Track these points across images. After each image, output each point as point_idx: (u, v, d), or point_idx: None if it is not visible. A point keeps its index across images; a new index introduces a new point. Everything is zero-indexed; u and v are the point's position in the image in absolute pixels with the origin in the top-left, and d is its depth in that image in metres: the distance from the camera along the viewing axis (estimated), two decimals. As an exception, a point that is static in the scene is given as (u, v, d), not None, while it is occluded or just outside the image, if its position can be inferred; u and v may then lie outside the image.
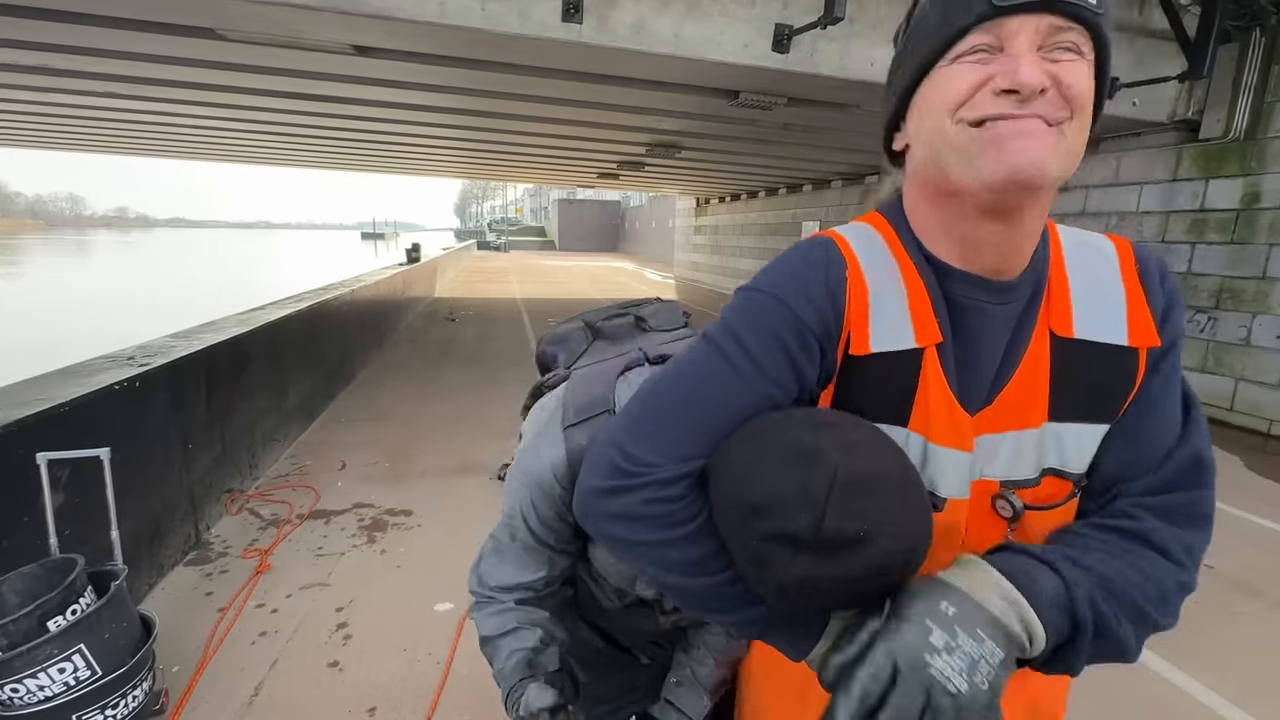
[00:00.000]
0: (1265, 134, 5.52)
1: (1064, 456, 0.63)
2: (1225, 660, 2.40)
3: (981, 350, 0.60)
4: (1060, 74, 0.50)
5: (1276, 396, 5.47)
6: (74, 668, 1.59)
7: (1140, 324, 0.61)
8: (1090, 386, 0.61)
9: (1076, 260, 0.63)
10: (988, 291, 0.59)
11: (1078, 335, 0.60)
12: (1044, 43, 0.51)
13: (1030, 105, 0.50)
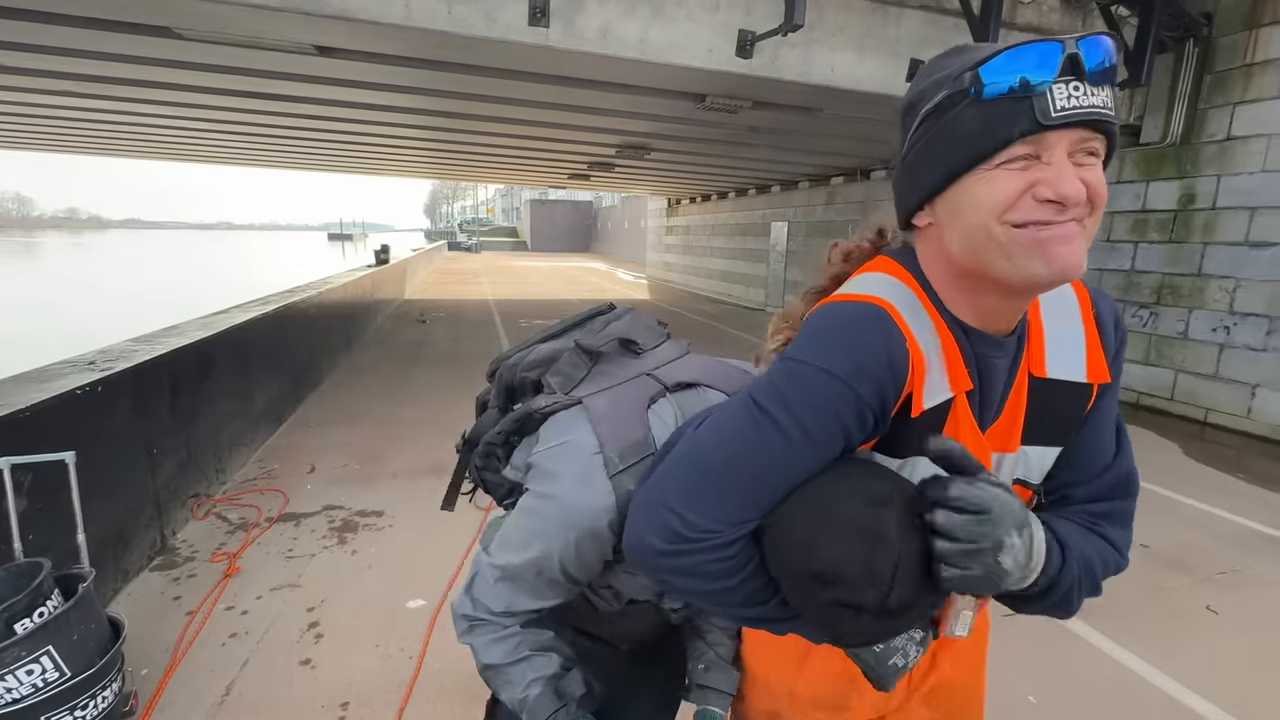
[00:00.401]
0: (1199, 139, 5.84)
1: (1029, 471, 0.74)
2: (1152, 630, 2.59)
3: (992, 394, 0.70)
4: (1089, 179, 0.57)
5: (1212, 386, 5.80)
6: (42, 669, 1.60)
7: (1096, 364, 0.72)
8: (1054, 417, 0.72)
9: (1049, 307, 0.72)
10: (999, 349, 0.69)
11: (1050, 375, 0.71)
12: (1073, 150, 0.57)
13: (1068, 213, 0.57)
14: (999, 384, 0.69)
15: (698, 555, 0.63)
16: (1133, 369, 6.48)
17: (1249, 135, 5.45)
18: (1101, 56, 0.56)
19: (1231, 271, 5.61)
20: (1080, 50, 0.55)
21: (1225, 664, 2.40)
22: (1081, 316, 0.73)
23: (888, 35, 5.33)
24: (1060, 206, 0.56)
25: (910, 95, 0.66)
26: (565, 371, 0.88)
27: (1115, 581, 1.71)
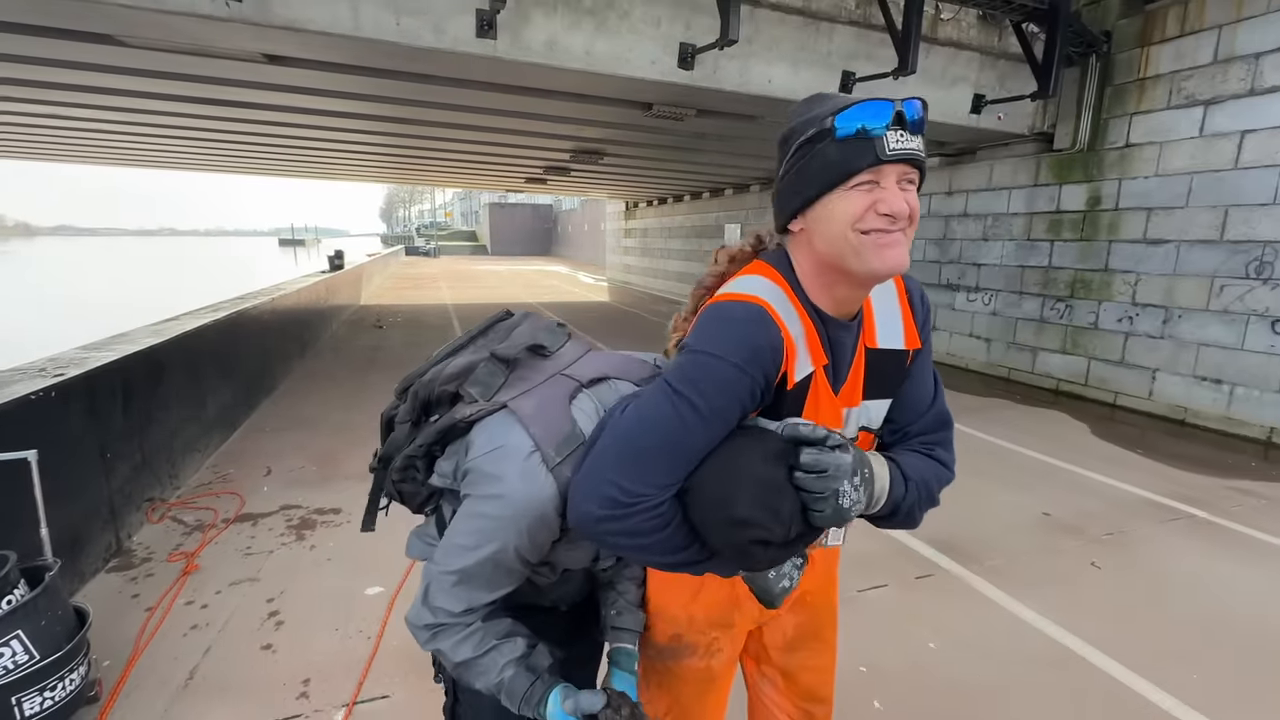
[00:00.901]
0: (1103, 145, 6.38)
1: (870, 419, 0.98)
2: (1043, 585, 2.92)
3: (842, 366, 0.93)
4: (909, 200, 0.81)
5: (1119, 371, 6.34)
6: (12, 652, 1.70)
7: (910, 334, 0.96)
8: (884, 376, 0.96)
9: (877, 294, 0.95)
10: (846, 330, 0.92)
11: (880, 346, 0.95)
12: (899, 179, 0.80)
13: (897, 224, 0.80)
14: (847, 358, 0.93)
15: (634, 517, 0.81)
16: (1051, 358, 7.01)
17: (1144, 143, 6.00)
18: (916, 114, 0.80)
19: (1133, 266, 6.15)
20: (904, 109, 0.79)
21: (1101, 610, 2.74)
22: (898, 299, 0.97)
23: (820, 49, 5.68)
24: (892, 219, 0.80)
25: (785, 130, 0.89)
26: (484, 380, 0.93)
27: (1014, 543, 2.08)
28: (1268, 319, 5.20)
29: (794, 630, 1.17)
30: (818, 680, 1.21)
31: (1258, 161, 5.18)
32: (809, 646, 1.19)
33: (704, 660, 1.10)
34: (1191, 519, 3.71)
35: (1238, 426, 5.42)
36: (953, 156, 8.20)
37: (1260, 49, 5.13)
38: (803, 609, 1.17)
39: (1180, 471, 4.55)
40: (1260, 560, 3.23)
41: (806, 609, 1.17)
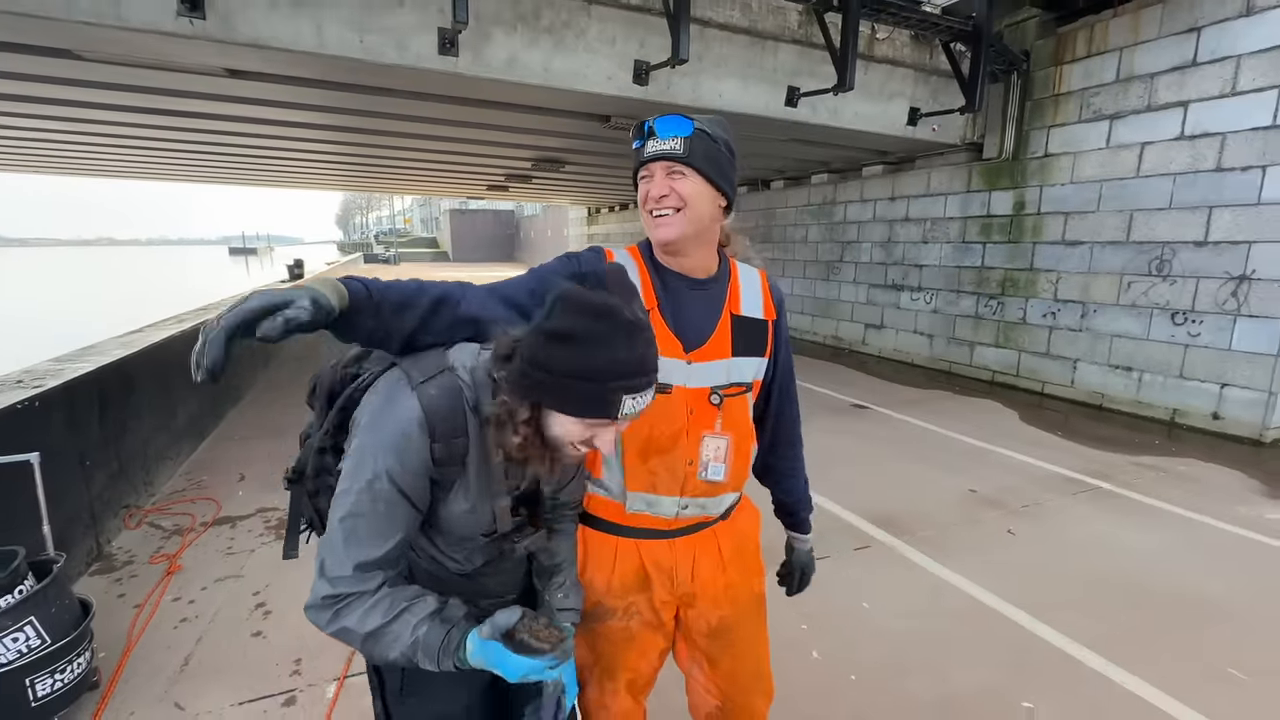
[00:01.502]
0: (1025, 155, 6.94)
1: (741, 374, 1.20)
2: (964, 551, 3.29)
3: (690, 314, 1.17)
4: (675, 185, 1.08)
5: (1046, 363, 6.89)
6: (26, 637, 1.84)
7: (768, 308, 1.24)
8: (749, 338, 1.21)
9: (744, 276, 1.24)
10: (686, 282, 1.17)
11: (743, 313, 1.21)
12: (668, 172, 1.09)
13: (661, 205, 1.09)
14: (700, 312, 1.16)
15: None
16: (986, 351, 7.55)
17: (1060, 153, 6.57)
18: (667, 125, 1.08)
19: (1054, 266, 6.71)
20: (654, 124, 1.09)
21: (1012, 569, 3.11)
22: (760, 285, 1.25)
23: (766, 66, 6.05)
24: (657, 202, 1.10)
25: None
26: (381, 357, 0.95)
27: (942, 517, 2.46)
28: (1168, 311, 5.78)
29: (717, 620, 1.26)
30: (740, 667, 1.30)
31: (1155, 170, 5.77)
32: (732, 635, 1.27)
33: (623, 621, 1.24)
34: (1098, 490, 4.16)
35: (1145, 409, 6.00)
36: (894, 165, 8.72)
37: (1154, 70, 5.72)
38: (726, 601, 1.26)
39: (1094, 450, 5.04)
40: (1152, 523, 3.68)
41: (729, 601, 1.26)
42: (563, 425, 0.85)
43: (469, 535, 0.97)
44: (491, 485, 0.95)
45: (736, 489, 1.26)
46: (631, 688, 1.30)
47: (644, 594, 1.23)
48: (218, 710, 2.12)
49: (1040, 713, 2.14)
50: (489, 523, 0.96)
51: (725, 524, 1.27)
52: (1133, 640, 2.55)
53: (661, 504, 1.18)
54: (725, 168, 1.12)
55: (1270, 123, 5.03)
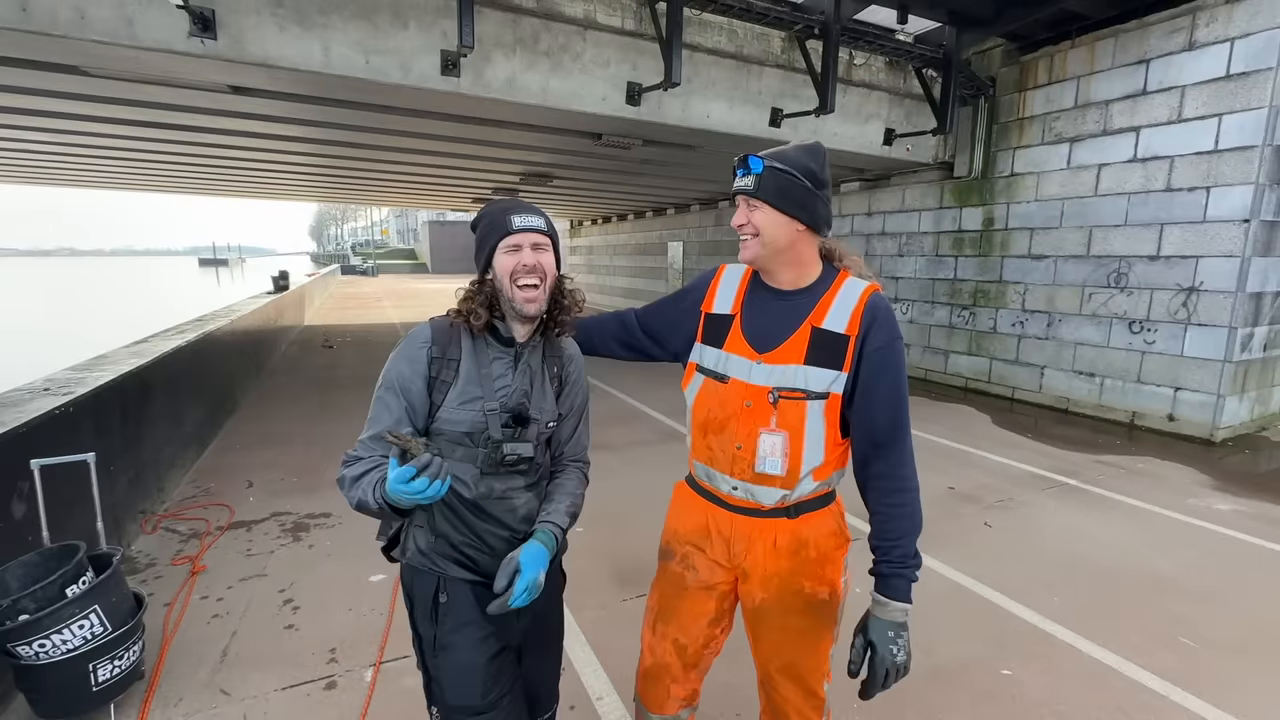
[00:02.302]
0: (993, 174, 7.37)
1: (809, 382, 1.24)
2: (946, 542, 3.55)
3: (766, 321, 1.33)
4: (751, 216, 1.28)
5: (1015, 369, 7.28)
6: (91, 624, 1.97)
7: (852, 325, 1.24)
8: (825, 350, 1.24)
9: (844, 292, 1.27)
10: (773, 293, 1.34)
11: (824, 326, 1.25)
12: (747, 203, 1.28)
13: (742, 231, 1.29)
14: (777, 322, 1.29)
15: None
16: (960, 359, 7.93)
17: (1024, 173, 7.00)
18: (746, 163, 1.27)
19: (1021, 278, 7.12)
20: (737, 162, 1.28)
21: (988, 556, 3.38)
22: (857, 302, 1.26)
23: (752, 88, 6.37)
24: (739, 228, 1.30)
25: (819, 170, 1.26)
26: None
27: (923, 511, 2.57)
28: (1125, 320, 6.20)
29: (759, 601, 1.35)
30: (774, 654, 1.37)
31: (1111, 189, 6.21)
32: (767, 621, 1.35)
33: (680, 567, 1.41)
34: (1065, 486, 4.48)
35: (1108, 412, 6.39)
36: (871, 182, 9.13)
37: (1109, 97, 6.18)
38: (771, 587, 1.33)
39: (1061, 450, 5.39)
40: (1113, 514, 4.00)
41: (774, 589, 1.33)
42: (497, 262, 1.24)
43: (468, 435, 1.23)
44: (484, 390, 1.25)
45: (788, 487, 1.28)
46: (678, 648, 1.44)
47: (702, 550, 1.38)
48: (262, 695, 2.25)
49: (1017, 678, 2.39)
50: (481, 423, 1.23)
51: (789, 521, 1.31)
52: (1097, 615, 2.82)
53: (717, 479, 1.36)
54: (800, 197, 1.23)
55: (1213, 147, 5.48)
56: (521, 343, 1.30)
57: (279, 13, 4.44)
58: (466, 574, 1.28)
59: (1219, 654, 2.57)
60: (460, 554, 1.28)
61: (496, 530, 1.28)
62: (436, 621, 1.27)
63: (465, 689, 1.25)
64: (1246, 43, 5.25)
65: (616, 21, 5.55)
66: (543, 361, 1.34)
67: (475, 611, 1.27)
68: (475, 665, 1.26)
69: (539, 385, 1.32)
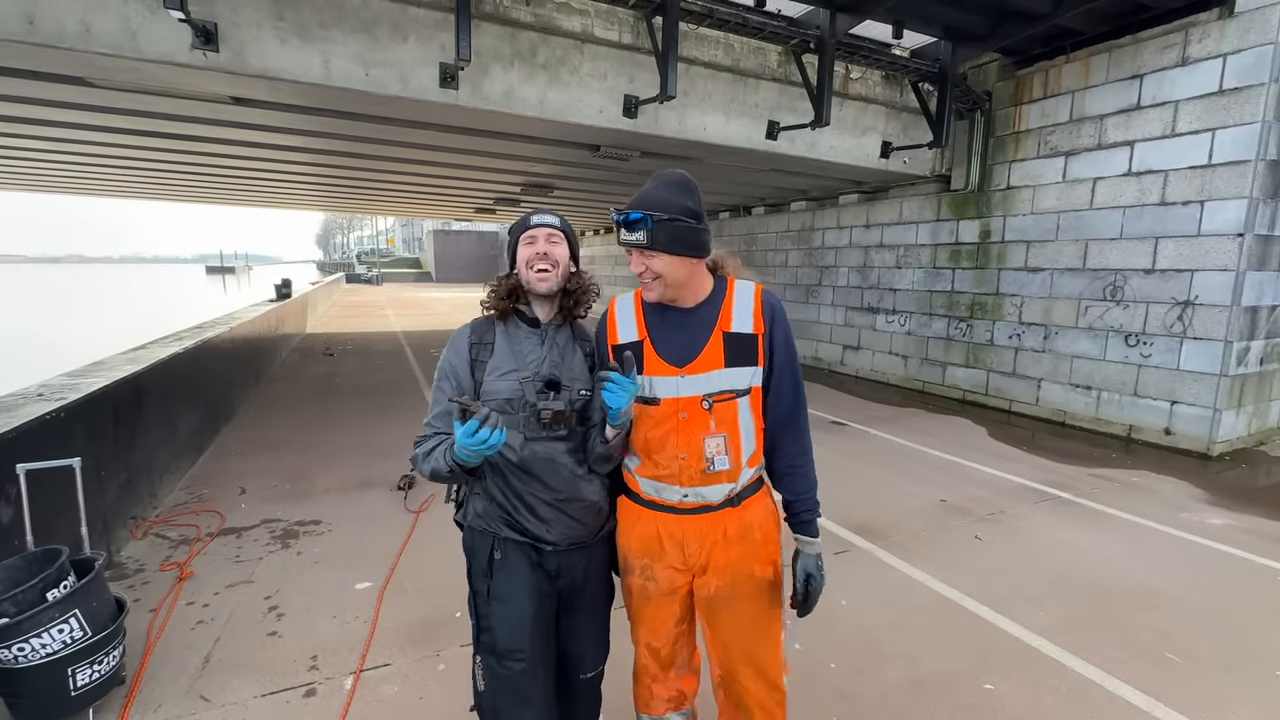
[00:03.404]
0: (990, 187, 7.39)
1: (734, 382, 1.41)
2: (935, 554, 3.53)
3: (678, 337, 1.42)
4: (648, 264, 1.35)
5: (1012, 382, 7.26)
6: (70, 629, 1.98)
7: (758, 323, 1.43)
8: (740, 350, 1.41)
9: (738, 296, 1.45)
10: (676, 312, 1.43)
11: (733, 329, 1.43)
12: (640, 254, 1.35)
13: (642, 277, 1.37)
14: (689, 337, 1.41)
15: None
16: (957, 371, 7.92)
17: (1020, 186, 7.03)
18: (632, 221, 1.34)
19: (1018, 290, 7.12)
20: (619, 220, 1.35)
21: (977, 570, 3.36)
22: (753, 302, 1.44)
23: (748, 101, 6.43)
24: (639, 275, 1.38)
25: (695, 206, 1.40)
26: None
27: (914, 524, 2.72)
28: (1122, 334, 6.19)
29: (714, 589, 1.44)
30: (733, 640, 1.46)
31: (1107, 203, 6.22)
32: (724, 607, 1.45)
33: (640, 580, 1.49)
34: (1058, 500, 4.46)
35: (1104, 425, 6.37)
36: (869, 194, 9.17)
37: (1103, 111, 6.21)
38: (726, 574, 1.43)
39: (1055, 463, 5.37)
40: (1105, 528, 3.98)
41: (728, 575, 1.43)
42: (518, 254, 1.48)
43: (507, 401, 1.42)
44: (517, 363, 1.46)
45: (732, 480, 1.41)
46: (651, 650, 1.53)
47: (659, 560, 1.46)
48: (242, 702, 2.25)
49: (999, 692, 2.37)
50: (519, 391, 1.43)
51: (734, 510, 1.43)
52: (1083, 630, 2.80)
53: (665, 491, 1.44)
54: (689, 238, 1.35)
55: (1206, 161, 5.50)
56: (546, 322, 1.51)
57: (280, 26, 4.52)
58: (516, 535, 1.47)
59: (1205, 670, 2.54)
60: (509, 516, 1.47)
61: (539, 493, 1.45)
62: (491, 576, 1.46)
63: (514, 635, 1.43)
64: (1239, 58, 5.27)
65: (614, 35, 5.62)
66: (572, 340, 1.54)
67: (526, 569, 1.46)
68: (524, 616, 1.44)
69: (569, 358, 1.50)
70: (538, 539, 1.46)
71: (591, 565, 1.54)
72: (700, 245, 1.37)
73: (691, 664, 1.60)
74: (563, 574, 1.50)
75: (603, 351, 1.50)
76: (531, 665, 1.43)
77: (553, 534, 1.46)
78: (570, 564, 1.50)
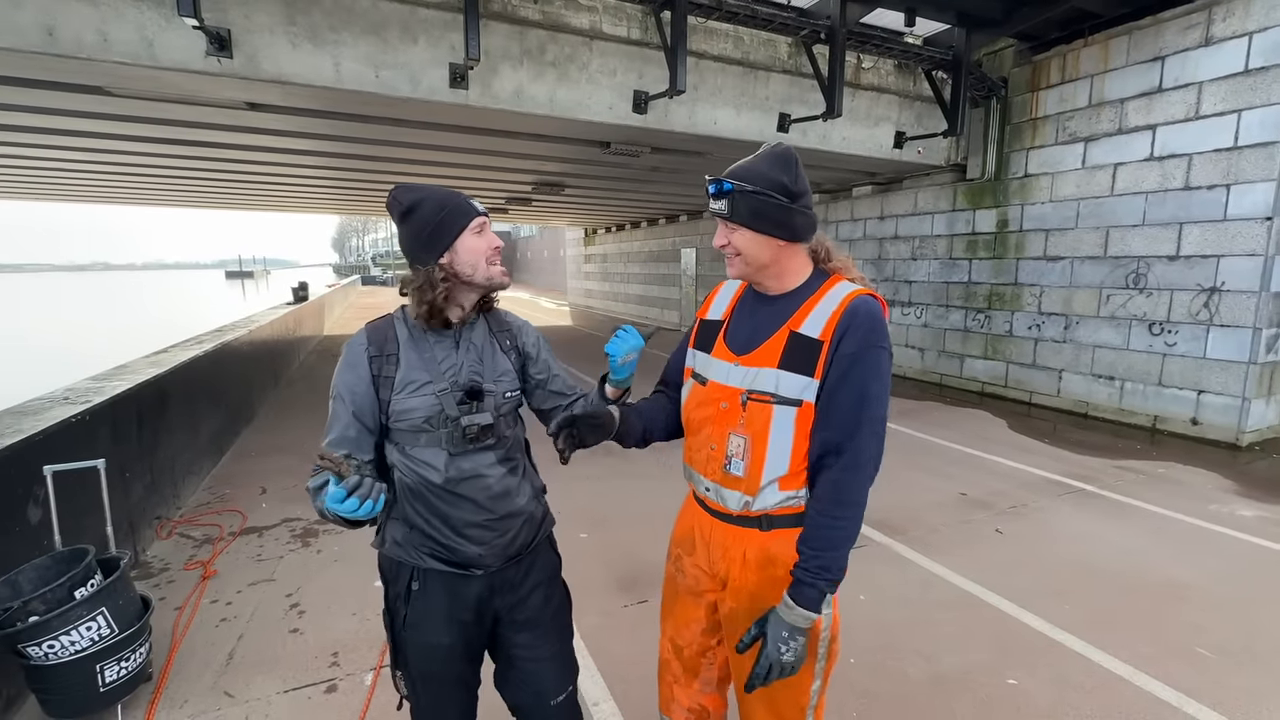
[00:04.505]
0: (1006, 175, 7.27)
1: (780, 387, 1.22)
2: (955, 548, 3.49)
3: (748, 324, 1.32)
4: (730, 238, 1.27)
5: (1032, 373, 7.14)
6: (98, 626, 2.02)
7: (827, 331, 1.20)
8: (799, 355, 1.21)
9: (828, 297, 1.24)
10: (761, 300, 1.31)
11: (801, 331, 1.23)
12: (725, 225, 1.28)
13: (726, 250, 1.29)
14: (758, 326, 1.29)
15: None
16: (975, 363, 7.80)
17: (1038, 173, 6.90)
18: (716, 187, 1.26)
19: (1037, 280, 7.00)
20: (709, 185, 1.27)
21: (998, 564, 3.31)
22: (839, 305, 1.22)
23: (759, 94, 6.37)
24: (721, 249, 1.30)
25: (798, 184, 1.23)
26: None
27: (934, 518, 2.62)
28: (1145, 322, 6.06)
29: (729, 609, 1.33)
30: (740, 662, 1.30)
31: (1128, 189, 6.08)
32: (736, 628, 1.31)
33: (673, 569, 1.45)
34: (1081, 492, 4.38)
35: (1129, 416, 6.24)
36: (883, 185, 9.06)
37: (1123, 95, 6.07)
38: (743, 596, 1.30)
39: (1078, 455, 5.27)
40: (1131, 521, 3.90)
41: (745, 598, 1.30)
42: (465, 245, 1.27)
43: (425, 419, 1.25)
44: (430, 374, 1.28)
45: (750, 492, 1.26)
46: (675, 648, 1.46)
47: (689, 554, 1.40)
48: (265, 698, 2.29)
49: (1023, 688, 2.33)
50: (436, 406, 1.26)
51: (759, 534, 1.28)
52: (1109, 624, 2.75)
53: (696, 479, 1.38)
54: (775, 214, 1.21)
55: (1232, 144, 5.35)
56: (458, 323, 1.33)
57: (292, 30, 4.56)
58: (440, 564, 1.32)
59: (1238, 665, 2.48)
60: (435, 544, 1.31)
61: (470, 515, 1.30)
62: (408, 603, 1.34)
63: (429, 661, 1.35)
64: (1265, 36, 5.12)
65: (622, 31, 5.60)
66: (490, 335, 1.39)
67: (445, 598, 1.33)
68: (440, 645, 1.34)
69: (489, 358, 1.36)
70: (469, 564, 1.31)
71: (533, 574, 1.42)
72: (789, 226, 1.22)
73: (720, 686, 1.47)
74: (499, 593, 1.37)
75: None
76: (449, 688, 1.38)
77: (486, 556, 1.32)
78: (507, 581, 1.38)
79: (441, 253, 1.26)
